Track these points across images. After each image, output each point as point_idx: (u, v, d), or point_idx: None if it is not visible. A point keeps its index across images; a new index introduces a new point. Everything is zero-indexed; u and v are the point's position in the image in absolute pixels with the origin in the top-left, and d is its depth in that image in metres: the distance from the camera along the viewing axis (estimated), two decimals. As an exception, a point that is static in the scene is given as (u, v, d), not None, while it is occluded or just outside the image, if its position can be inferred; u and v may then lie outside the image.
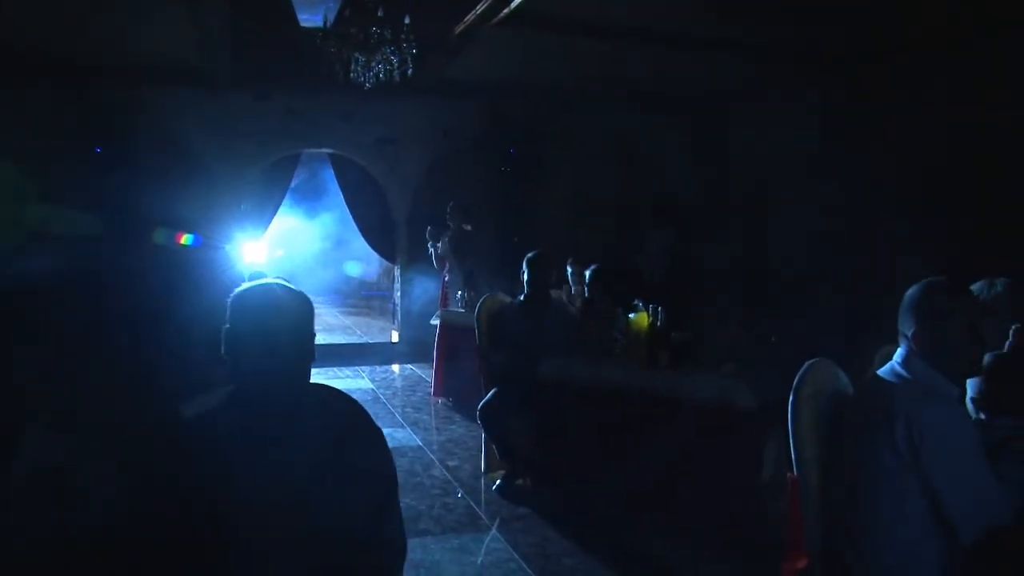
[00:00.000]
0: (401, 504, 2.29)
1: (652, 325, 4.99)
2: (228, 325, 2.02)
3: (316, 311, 2.16)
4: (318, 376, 2.21)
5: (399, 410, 8.15)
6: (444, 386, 8.53)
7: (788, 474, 2.86)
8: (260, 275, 6.27)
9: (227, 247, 7.52)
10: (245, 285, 2.08)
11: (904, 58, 7.81)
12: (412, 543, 2.44)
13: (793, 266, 8.39)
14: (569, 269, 7.59)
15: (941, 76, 7.37)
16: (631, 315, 5.09)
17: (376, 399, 8.64)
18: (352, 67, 6.67)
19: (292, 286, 2.09)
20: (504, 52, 8.73)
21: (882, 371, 2.54)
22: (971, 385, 2.65)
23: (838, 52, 8.23)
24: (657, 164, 11.09)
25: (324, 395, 2.19)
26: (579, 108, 11.10)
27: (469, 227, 9.26)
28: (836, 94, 8.63)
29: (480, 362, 6.18)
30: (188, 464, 1.98)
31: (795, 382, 2.68)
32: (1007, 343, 2.73)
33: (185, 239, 9.23)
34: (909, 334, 2.47)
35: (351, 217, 12.45)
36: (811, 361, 2.74)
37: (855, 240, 8.13)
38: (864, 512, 2.41)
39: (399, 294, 11.97)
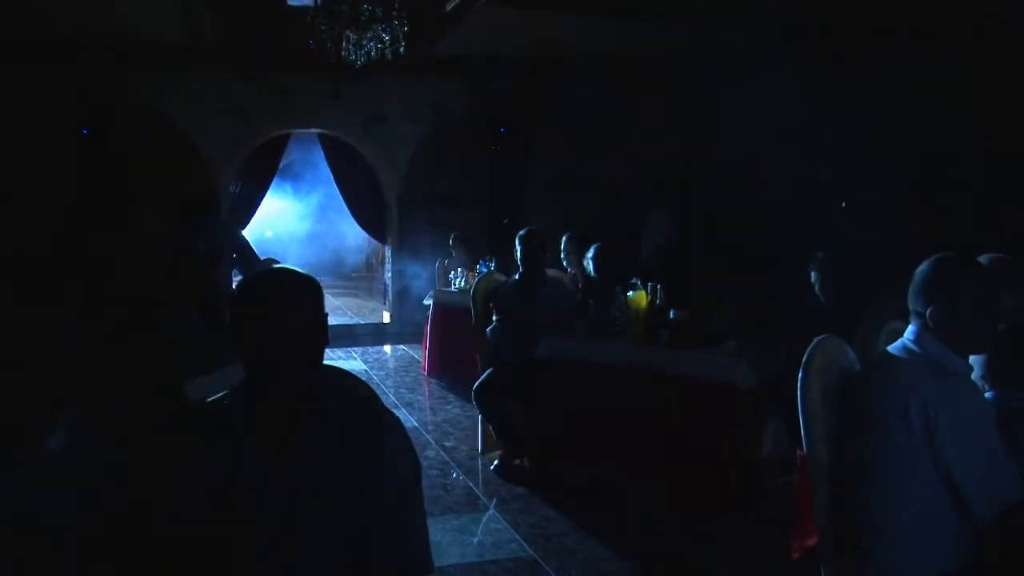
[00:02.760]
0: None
1: (651, 303, 4.98)
2: (234, 314, 1.95)
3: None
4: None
5: (392, 391, 8.14)
6: (438, 366, 8.52)
7: (797, 450, 2.84)
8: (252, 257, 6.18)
9: (217, 229, 7.46)
10: (252, 274, 2.02)
11: (896, 32, 7.77)
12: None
13: (786, 242, 8.37)
14: (564, 248, 7.55)
15: (933, 51, 7.34)
16: (630, 293, 5.07)
17: (369, 380, 8.60)
18: (343, 45, 6.60)
19: (299, 270, 2.04)
20: (495, 29, 8.69)
21: (892, 348, 2.52)
22: (976, 360, 2.63)
23: (827, 25, 8.20)
24: (649, 142, 11.07)
25: (339, 383, 2.12)
26: (571, 86, 11.04)
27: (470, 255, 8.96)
28: (825, 68, 8.60)
29: (476, 342, 6.16)
30: (195, 450, 1.93)
31: (804, 358, 2.66)
32: None
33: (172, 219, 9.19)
34: (922, 311, 2.44)
35: (341, 197, 12.39)
36: (819, 337, 2.73)
37: (848, 216, 8.13)
38: (875, 489, 2.40)
39: (390, 274, 11.94)
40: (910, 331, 2.48)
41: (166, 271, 5.88)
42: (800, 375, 2.65)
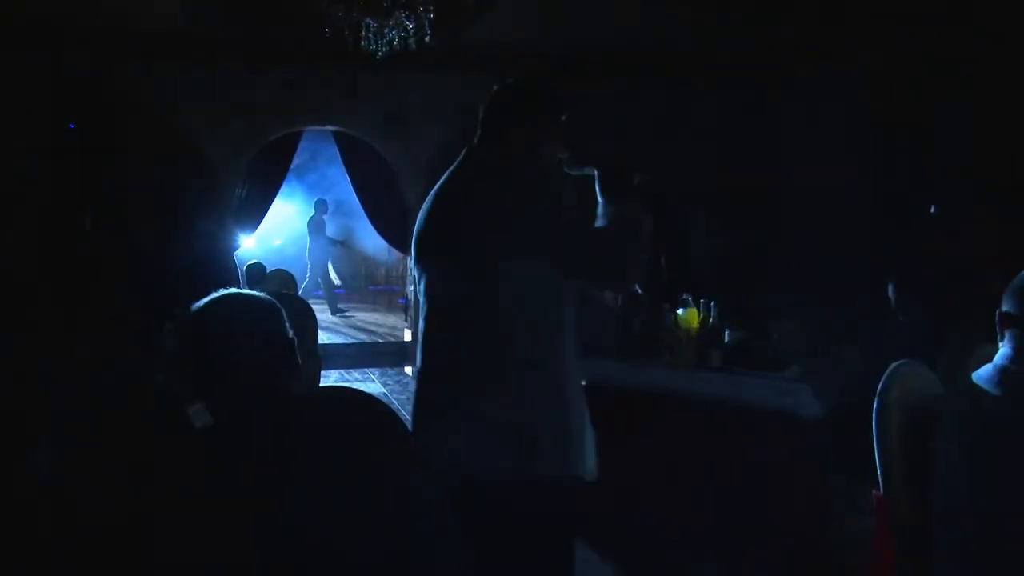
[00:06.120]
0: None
1: (703, 322, 4.91)
2: (184, 351, 1.92)
3: (319, 309, 2.09)
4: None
5: (413, 418, 8.09)
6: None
7: (873, 491, 2.76)
8: (258, 267, 6.22)
9: (221, 236, 7.49)
10: (199, 304, 1.98)
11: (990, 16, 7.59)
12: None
13: (858, 255, 8.25)
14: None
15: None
16: (679, 311, 5.00)
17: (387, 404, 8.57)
18: (363, 33, 6.60)
19: (254, 293, 2.02)
20: (528, 18, 8.67)
21: (980, 376, 2.40)
22: None
23: (900, 12, 8.08)
24: (701, 139, 10.98)
25: (334, 410, 2.08)
26: (611, 79, 10.99)
27: None
28: (910, 57, 8.47)
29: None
30: (195, 482, 1.91)
31: (880, 386, 2.59)
32: None
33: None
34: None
35: (358, 202, 12.42)
36: (897, 362, 2.65)
37: (934, 225, 7.96)
38: (971, 546, 2.30)
39: (412, 287, 11.91)
40: (1004, 353, 2.36)
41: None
42: (875, 406, 2.58)
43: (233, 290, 2.02)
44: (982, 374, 2.40)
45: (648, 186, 2.48)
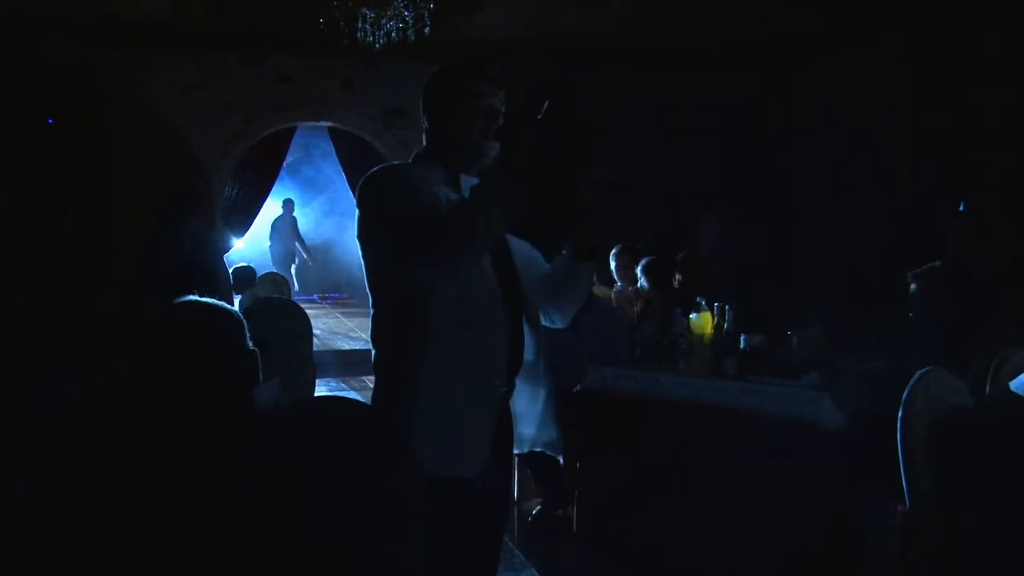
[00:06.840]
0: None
1: (718, 326, 4.89)
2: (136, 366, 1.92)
3: (312, 312, 2.08)
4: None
5: (413, 426, 8.07)
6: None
7: (899, 507, 2.74)
8: (248, 270, 6.20)
9: (212, 237, 7.47)
10: (154, 313, 1.98)
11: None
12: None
13: (882, 255, 8.22)
14: (614, 262, 7.47)
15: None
16: (693, 315, 4.98)
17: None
18: (359, 25, 6.59)
19: (210, 300, 2.02)
20: (533, 7, 8.65)
21: (1020, 382, 2.39)
22: None
23: (915, 6, 8.05)
24: (711, 134, 10.96)
25: (323, 416, 2.08)
26: (619, 72, 10.98)
27: None
28: (928, 44, 8.43)
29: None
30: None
31: (905, 394, 2.58)
32: None
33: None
34: None
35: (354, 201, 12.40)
36: (923, 370, 2.64)
37: (955, 222, 7.95)
38: (1010, 556, 2.28)
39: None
40: None
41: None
42: (900, 414, 2.57)
43: (191, 297, 2.01)
44: (1021, 383, 2.38)
45: (536, 145, 2.38)
